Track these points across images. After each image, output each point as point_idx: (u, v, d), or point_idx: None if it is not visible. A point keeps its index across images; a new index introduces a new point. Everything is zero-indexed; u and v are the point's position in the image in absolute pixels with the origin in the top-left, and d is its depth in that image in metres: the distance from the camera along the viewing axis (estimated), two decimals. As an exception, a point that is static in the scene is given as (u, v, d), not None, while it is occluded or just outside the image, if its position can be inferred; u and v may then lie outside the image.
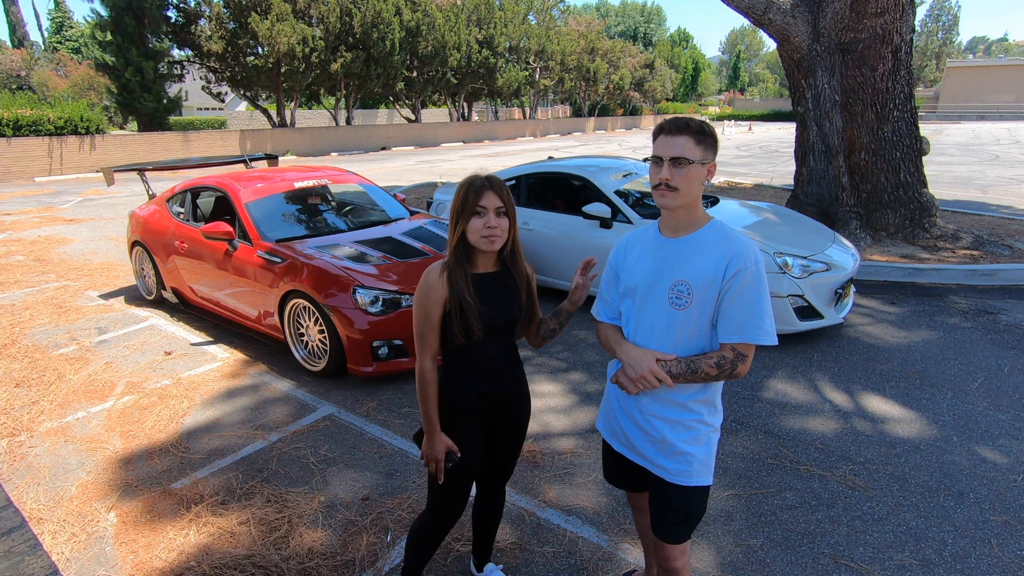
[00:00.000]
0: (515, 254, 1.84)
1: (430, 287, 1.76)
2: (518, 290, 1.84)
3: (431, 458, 1.81)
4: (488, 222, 1.71)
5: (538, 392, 3.88)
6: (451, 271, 1.76)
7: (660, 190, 1.57)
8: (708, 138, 1.56)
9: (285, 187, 5.03)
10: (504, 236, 1.75)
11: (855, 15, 6.73)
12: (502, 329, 1.83)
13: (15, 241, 8.68)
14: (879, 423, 3.39)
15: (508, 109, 47.52)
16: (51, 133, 17.79)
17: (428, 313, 1.77)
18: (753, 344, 1.56)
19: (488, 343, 1.81)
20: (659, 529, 1.74)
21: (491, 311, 1.77)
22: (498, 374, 1.86)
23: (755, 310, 1.54)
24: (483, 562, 2.25)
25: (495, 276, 1.82)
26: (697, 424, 1.66)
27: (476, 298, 1.74)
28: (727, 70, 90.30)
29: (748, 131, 36.25)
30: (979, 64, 54.30)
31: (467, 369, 1.82)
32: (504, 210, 1.73)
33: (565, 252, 5.33)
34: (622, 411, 1.78)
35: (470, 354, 1.81)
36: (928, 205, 7.10)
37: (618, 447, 1.84)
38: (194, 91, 31.31)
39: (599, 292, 1.86)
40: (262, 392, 3.96)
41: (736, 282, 1.53)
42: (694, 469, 1.65)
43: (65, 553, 2.51)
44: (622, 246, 1.80)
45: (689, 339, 1.61)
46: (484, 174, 1.78)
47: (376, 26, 24.58)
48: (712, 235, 1.61)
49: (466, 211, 1.72)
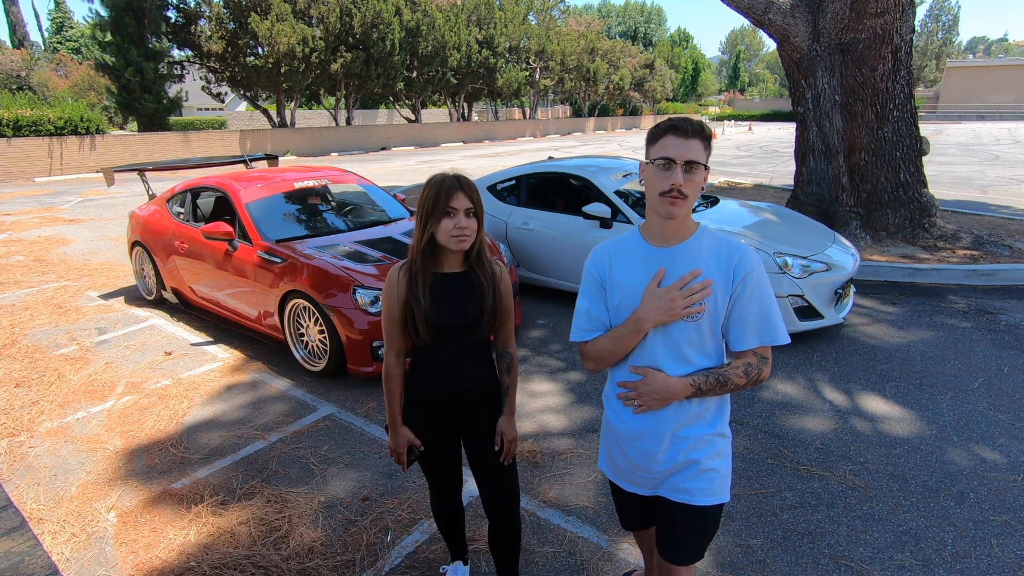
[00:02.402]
0: (480, 255, 1.83)
1: (391, 285, 1.81)
2: (483, 290, 1.81)
3: (393, 450, 1.92)
4: (458, 223, 1.70)
5: (536, 392, 3.88)
6: (412, 271, 1.78)
7: (671, 197, 1.43)
8: (710, 142, 1.50)
9: (285, 187, 5.03)
10: (473, 236, 1.75)
11: (855, 15, 6.73)
12: (462, 329, 1.81)
13: (15, 241, 8.68)
14: (879, 423, 3.39)
15: (508, 109, 47.53)
16: (51, 133, 17.80)
17: (390, 310, 1.82)
18: (771, 346, 1.52)
19: (445, 343, 1.81)
20: (673, 552, 1.63)
21: (446, 313, 1.77)
22: (458, 374, 1.85)
23: (772, 311, 1.50)
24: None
25: (461, 276, 1.82)
26: (717, 437, 1.59)
27: (429, 300, 1.75)
28: (727, 70, 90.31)
29: (748, 131, 36.25)
30: (979, 64, 54.30)
31: (426, 367, 1.86)
32: (473, 211, 1.73)
33: (565, 252, 5.33)
34: (630, 445, 1.63)
35: (429, 353, 1.84)
36: (928, 205, 7.10)
37: (628, 487, 1.70)
38: (194, 91, 31.30)
39: (580, 310, 1.64)
40: (262, 392, 3.96)
41: (747, 286, 1.49)
42: (716, 486, 1.58)
43: (65, 553, 2.51)
44: (604, 259, 1.62)
45: (697, 350, 1.53)
46: (452, 173, 1.76)
47: (376, 26, 24.59)
48: (706, 241, 1.54)
49: (436, 211, 1.71)
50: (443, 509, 2.13)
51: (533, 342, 4.70)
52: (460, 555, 2.28)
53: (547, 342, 4.70)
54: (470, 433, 1.95)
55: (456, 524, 2.20)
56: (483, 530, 2.52)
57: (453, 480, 2.07)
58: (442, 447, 1.95)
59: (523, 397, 3.82)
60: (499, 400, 1.97)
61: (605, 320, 1.61)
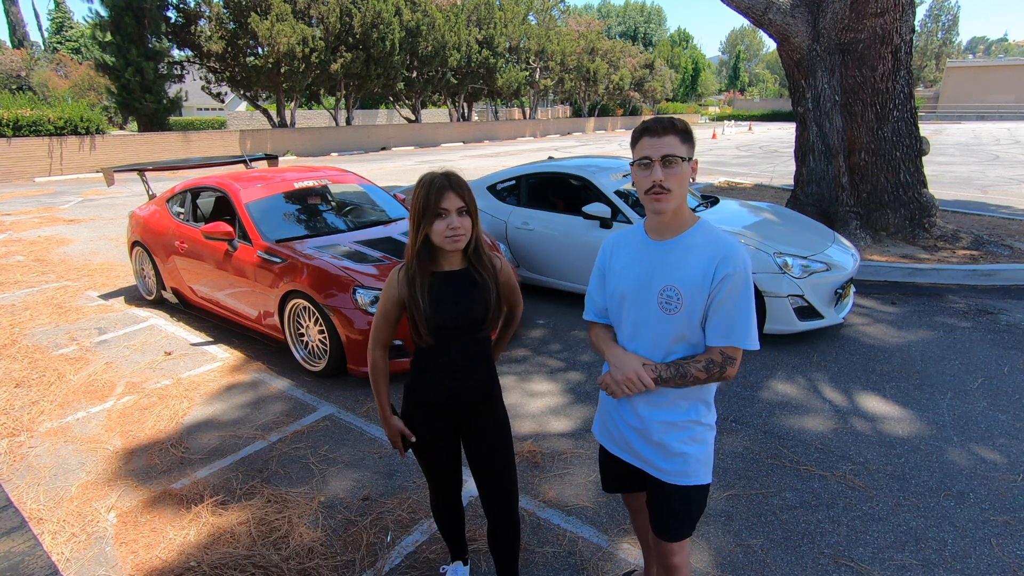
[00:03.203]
0: (479, 251, 1.82)
1: (390, 286, 1.82)
2: (485, 287, 1.81)
3: (388, 437, 1.96)
4: (451, 223, 1.69)
5: (536, 392, 3.88)
6: (410, 273, 1.77)
7: (654, 193, 1.52)
8: (690, 135, 1.55)
9: (285, 187, 5.03)
10: (468, 234, 1.74)
11: (855, 15, 6.73)
12: (463, 328, 1.81)
13: (15, 241, 8.68)
14: (879, 423, 3.39)
15: (508, 109, 47.54)
16: (51, 133, 17.81)
17: (386, 310, 1.84)
18: (740, 348, 1.56)
19: (448, 343, 1.81)
20: (659, 528, 1.73)
21: (447, 312, 1.76)
22: (457, 375, 1.85)
23: (744, 315, 1.53)
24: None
25: (461, 273, 1.81)
26: (692, 424, 1.65)
27: (429, 301, 1.75)
28: (727, 70, 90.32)
29: (748, 131, 36.25)
30: (979, 64, 54.31)
31: (426, 368, 1.86)
32: (466, 209, 1.72)
33: (565, 252, 5.33)
34: (618, 414, 1.76)
35: (430, 353, 1.84)
36: (928, 205, 7.10)
37: (614, 450, 1.82)
38: (194, 91, 31.31)
39: (588, 292, 1.82)
40: (262, 392, 3.96)
41: (725, 287, 1.52)
42: (691, 469, 1.65)
43: (65, 553, 2.51)
44: (608, 247, 1.77)
45: (681, 342, 1.59)
46: (442, 171, 1.74)
47: (376, 26, 24.59)
48: (700, 237, 1.58)
49: (428, 214, 1.69)
50: (443, 509, 2.13)
51: (533, 342, 4.70)
52: (460, 555, 2.28)
53: (547, 342, 4.70)
54: (470, 433, 1.95)
55: (456, 524, 2.20)
56: (483, 530, 2.52)
57: (453, 480, 2.07)
58: (442, 447, 1.95)
59: (523, 397, 3.82)
60: (500, 400, 1.97)
61: (600, 305, 1.77)
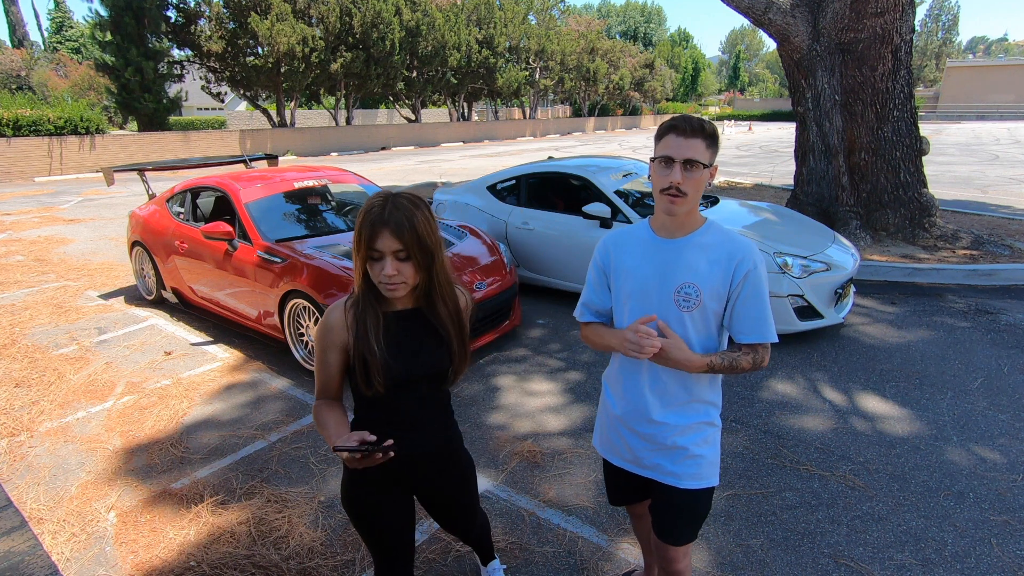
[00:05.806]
0: (432, 298, 1.46)
1: (329, 328, 1.44)
2: (445, 334, 1.49)
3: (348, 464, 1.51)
4: (384, 269, 1.35)
5: (536, 391, 3.88)
6: (358, 311, 1.43)
7: (669, 194, 1.48)
8: (716, 140, 1.51)
9: (285, 187, 5.03)
10: (410, 282, 1.39)
11: (855, 15, 6.73)
12: (423, 381, 1.51)
13: (15, 241, 8.68)
14: (879, 423, 3.39)
15: (508, 109, 47.51)
16: (51, 133, 17.79)
17: (325, 357, 1.47)
18: (770, 342, 1.59)
19: (402, 395, 1.49)
20: (664, 533, 1.71)
21: (406, 361, 1.45)
22: (416, 432, 1.54)
23: (768, 309, 1.57)
24: (486, 559, 2.22)
25: (415, 314, 1.49)
26: (706, 426, 1.66)
27: (383, 346, 1.42)
28: (727, 70, 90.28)
29: (748, 131, 36.24)
30: (979, 64, 54.28)
31: (376, 425, 1.48)
32: (405, 254, 1.34)
33: (565, 252, 5.33)
34: (622, 425, 1.72)
35: (380, 407, 1.50)
36: (928, 205, 7.10)
37: (618, 461, 1.78)
38: (194, 91, 31.30)
39: (584, 294, 1.76)
40: (262, 392, 3.96)
41: (748, 284, 1.54)
42: (704, 471, 1.65)
43: (65, 553, 2.51)
44: (610, 246, 1.69)
45: (697, 338, 1.59)
46: (389, 198, 1.37)
47: (376, 26, 24.58)
48: (711, 236, 1.59)
49: (361, 249, 1.36)
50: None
51: (533, 342, 4.70)
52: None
53: (547, 342, 4.70)
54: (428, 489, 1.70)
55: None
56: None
57: (405, 555, 1.67)
58: (393, 519, 1.62)
59: (522, 396, 3.82)
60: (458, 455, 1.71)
61: (599, 307, 1.73)
